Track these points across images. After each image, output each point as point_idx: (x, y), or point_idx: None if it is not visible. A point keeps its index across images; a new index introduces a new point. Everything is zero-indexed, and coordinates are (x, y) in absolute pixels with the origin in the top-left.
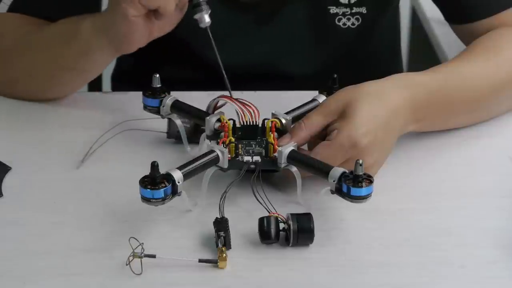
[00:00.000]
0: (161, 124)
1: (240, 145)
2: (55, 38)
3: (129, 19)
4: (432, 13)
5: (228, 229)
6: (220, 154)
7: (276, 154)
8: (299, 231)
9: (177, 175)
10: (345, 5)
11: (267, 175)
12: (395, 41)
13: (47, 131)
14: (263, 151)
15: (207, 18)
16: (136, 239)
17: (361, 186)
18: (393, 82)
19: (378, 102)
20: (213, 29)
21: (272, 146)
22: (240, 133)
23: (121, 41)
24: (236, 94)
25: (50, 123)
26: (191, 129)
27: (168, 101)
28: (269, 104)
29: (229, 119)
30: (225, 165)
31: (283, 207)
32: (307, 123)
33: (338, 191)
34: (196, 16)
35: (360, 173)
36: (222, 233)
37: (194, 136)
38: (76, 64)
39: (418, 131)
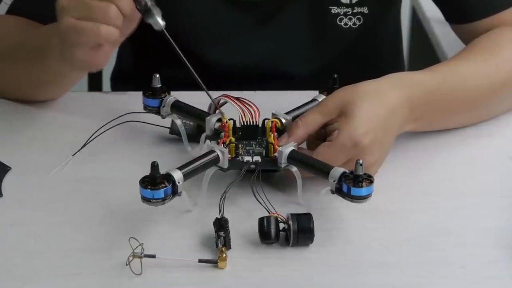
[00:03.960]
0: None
1: (240, 145)
2: (32, 54)
3: (77, 57)
4: (432, 13)
5: (228, 229)
6: (220, 154)
7: (276, 154)
8: (299, 231)
9: (177, 175)
10: (347, 5)
11: (267, 175)
12: (397, 41)
13: (46, 131)
14: (263, 151)
15: (160, 21)
16: (136, 239)
17: (362, 186)
18: (391, 81)
19: (377, 101)
20: (214, 29)
21: (272, 146)
22: (240, 133)
23: (84, 68)
24: (236, 94)
25: (50, 123)
26: (194, 127)
27: (168, 101)
28: (269, 104)
29: (230, 119)
30: (225, 165)
31: (283, 207)
32: (304, 121)
33: (338, 191)
34: (150, 21)
35: (361, 173)
36: (222, 233)
37: (197, 135)
38: (54, 80)
39: (416, 130)
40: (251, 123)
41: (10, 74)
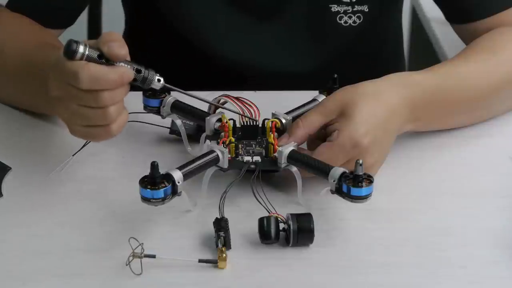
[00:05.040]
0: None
1: (240, 145)
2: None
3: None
4: (432, 13)
5: (228, 229)
6: (220, 154)
7: (276, 154)
8: (299, 231)
9: (177, 175)
10: (347, 3)
11: (267, 175)
12: (398, 41)
13: (47, 131)
14: (263, 151)
15: (157, 83)
16: (136, 239)
17: (361, 186)
18: (391, 81)
19: (377, 102)
20: (215, 26)
21: (272, 146)
22: (240, 133)
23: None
24: (236, 94)
25: (50, 123)
26: (194, 126)
27: (168, 101)
28: (269, 104)
29: (230, 119)
30: (225, 165)
31: (283, 207)
32: (305, 121)
33: (338, 191)
34: (152, 86)
35: (360, 173)
36: (222, 233)
37: (197, 135)
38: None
39: (416, 130)
40: (251, 123)
41: (13, 94)
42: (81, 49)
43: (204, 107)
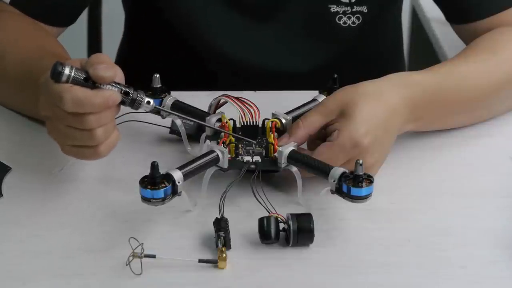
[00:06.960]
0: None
1: (240, 145)
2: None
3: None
4: (432, 13)
5: (228, 229)
6: (220, 154)
7: (276, 154)
8: (299, 231)
9: (177, 175)
10: (346, 4)
11: (267, 175)
12: (397, 41)
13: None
14: (263, 151)
15: (147, 106)
16: (136, 239)
17: (361, 186)
18: (391, 81)
19: (377, 102)
20: (215, 27)
21: (272, 146)
22: (240, 133)
23: None
24: (236, 94)
25: None
26: (194, 126)
27: (168, 101)
28: (269, 104)
29: (230, 119)
30: (225, 165)
31: (283, 207)
32: (305, 122)
33: (338, 191)
34: (141, 110)
35: (360, 173)
36: (222, 233)
37: (197, 134)
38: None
39: (416, 130)
40: (251, 123)
41: (14, 101)
42: (66, 71)
43: (204, 107)
